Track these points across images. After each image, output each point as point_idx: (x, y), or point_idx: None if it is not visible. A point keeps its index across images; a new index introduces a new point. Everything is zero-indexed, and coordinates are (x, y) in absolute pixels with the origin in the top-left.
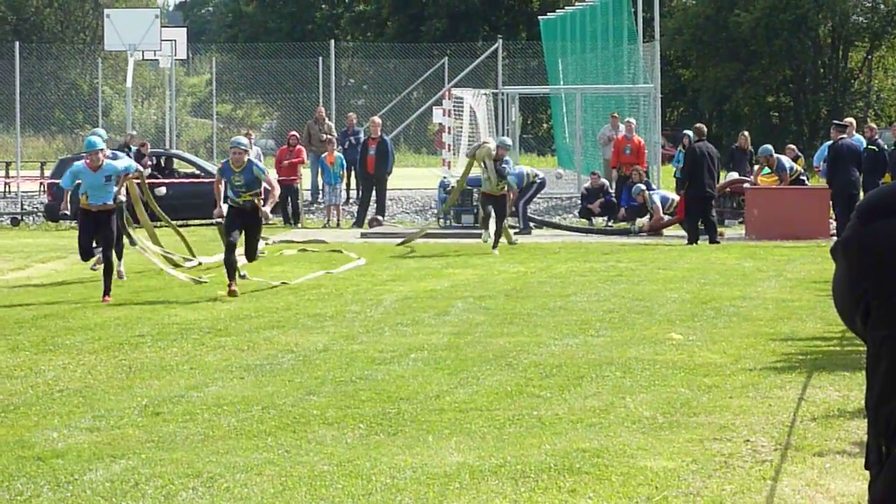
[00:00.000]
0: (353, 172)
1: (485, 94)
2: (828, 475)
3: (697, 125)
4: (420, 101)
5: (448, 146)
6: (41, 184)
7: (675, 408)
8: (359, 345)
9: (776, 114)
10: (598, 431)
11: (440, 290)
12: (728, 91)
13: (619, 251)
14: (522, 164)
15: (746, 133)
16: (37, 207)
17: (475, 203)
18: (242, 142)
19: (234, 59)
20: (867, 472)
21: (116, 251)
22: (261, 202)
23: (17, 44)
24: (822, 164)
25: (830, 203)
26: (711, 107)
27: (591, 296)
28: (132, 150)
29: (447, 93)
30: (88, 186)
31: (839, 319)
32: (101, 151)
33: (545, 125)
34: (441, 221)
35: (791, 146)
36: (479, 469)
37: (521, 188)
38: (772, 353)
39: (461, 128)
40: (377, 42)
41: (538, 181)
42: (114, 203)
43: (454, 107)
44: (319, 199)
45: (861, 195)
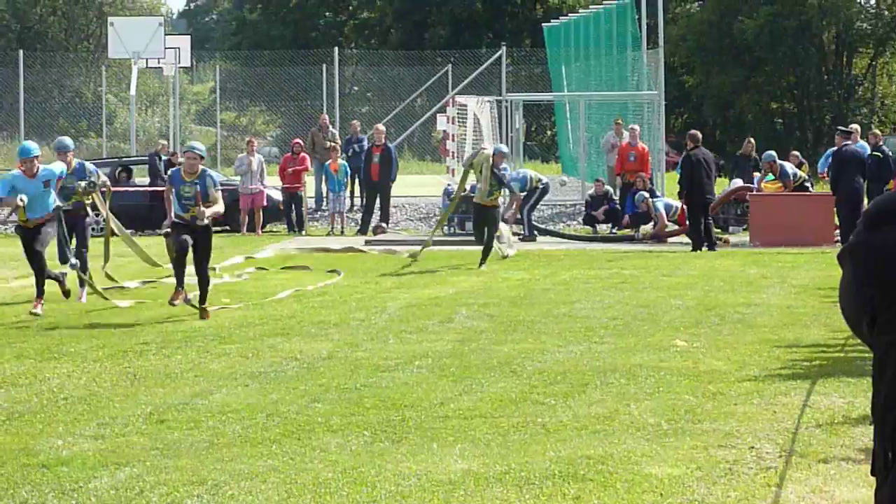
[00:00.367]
0: (357, 180)
1: (488, 102)
2: (833, 482)
3: (692, 132)
4: (424, 109)
5: (452, 153)
6: None
7: (680, 415)
8: (363, 352)
9: (780, 120)
10: (603, 438)
11: (444, 298)
12: (732, 98)
13: (624, 258)
14: (527, 169)
15: (752, 140)
16: None
17: None
18: (197, 147)
19: (238, 67)
20: (873, 479)
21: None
22: (207, 210)
23: (21, 52)
24: (827, 171)
25: (835, 210)
26: (715, 113)
27: (596, 303)
28: (162, 160)
29: (451, 100)
30: (27, 196)
31: (844, 326)
32: (37, 158)
33: (549, 132)
34: (445, 229)
35: (795, 153)
36: (484, 476)
37: (526, 192)
38: (776, 360)
39: (465, 135)
40: (381, 49)
41: (541, 186)
42: (52, 212)
43: (458, 114)
44: (323, 207)
45: (865, 202)
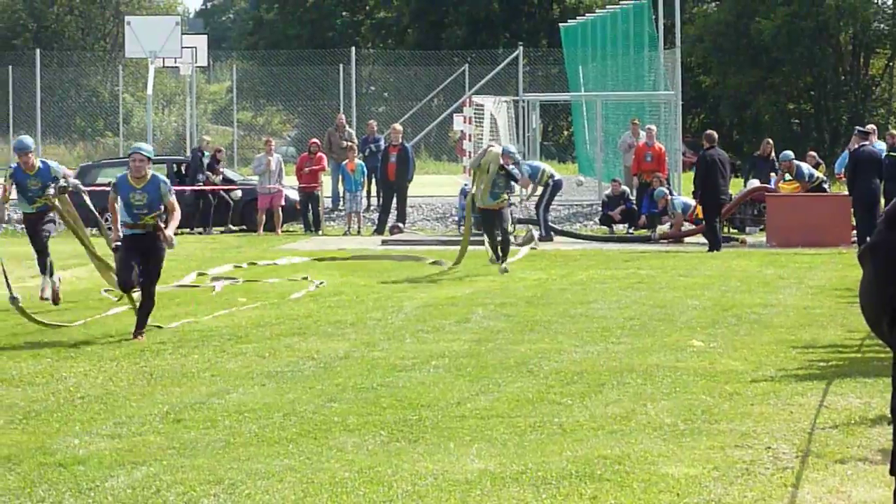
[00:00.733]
0: (374, 180)
1: (505, 102)
2: (850, 482)
3: (708, 132)
4: (441, 109)
5: (469, 153)
6: None
7: (697, 415)
8: (380, 352)
9: (797, 121)
10: (620, 438)
11: (461, 297)
12: (749, 98)
13: (640, 258)
14: (541, 163)
15: (770, 140)
16: None
17: None
18: (144, 148)
19: (255, 67)
20: (890, 479)
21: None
22: (162, 225)
23: (38, 51)
24: (844, 171)
25: (852, 210)
26: (732, 114)
27: (612, 303)
28: (205, 156)
29: (468, 100)
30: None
31: (860, 327)
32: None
33: (566, 132)
34: (461, 228)
35: (812, 153)
36: (501, 476)
37: (535, 183)
38: (793, 361)
39: (482, 135)
40: (398, 49)
41: (552, 182)
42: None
43: (475, 114)
44: (340, 207)
45: (882, 203)
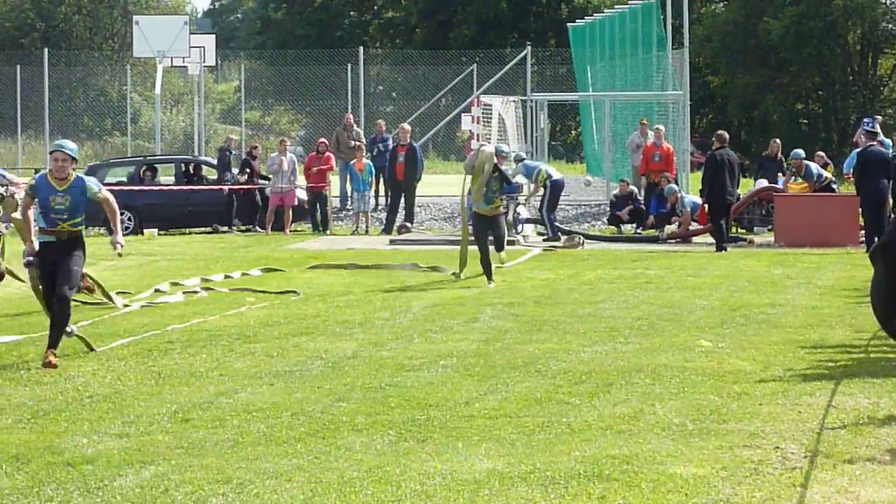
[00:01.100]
0: (382, 179)
1: (513, 101)
2: (858, 482)
3: (719, 132)
4: (449, 108)
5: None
6: None
7: (705, 415)
8: (388, 351)
9: (805, 121)
10: (628, 438)
11: (469, 297)
12: (757, 98)
13: (648, 258)
14: (541, 163)
15: (778, 141)
16: None
17: (503, 210)
18: (67, 146)
19: (263, 66)
20: None
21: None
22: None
23: (46, 51)
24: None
25: (860, 210)
26: (740, 114)
27: (620, 303)
28: (232, 154)
29: (476, 100)
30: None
31: (869, 326)
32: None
33: (574, 132)
34: (470, 228)
35: (820, 153)
36: (509, 476)
37: (534, 183)
38: (801, 361)
39: (490, 135)
40: (406, 49)
41: (550, 182)
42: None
43: (483, 114)
44: (348, 206)
45: (890, 202)
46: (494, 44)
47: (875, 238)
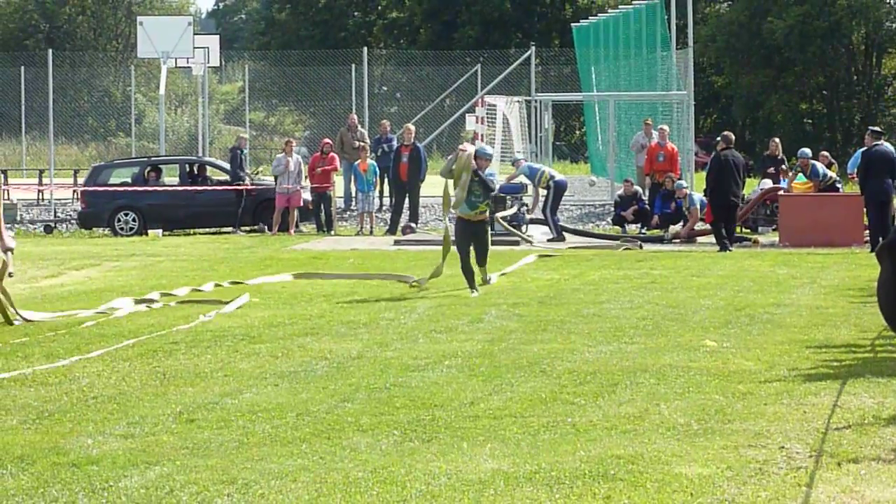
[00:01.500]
0: (386, 180)
1: (518, 102)
2: (863, 482)
3: (725, 133)
4: (453, 109)
5: None
6: (74, 191)
7: (710, 414)
8: (393, 352)
9: (809, 121)
10: (633, 438)
11: (473, 298)
12: (761, 98)
13: (653, 259)
14: (544, 166)
15: (777, 140)
16: (70, 215)
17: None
18: None
19: (267, 67)
20: None
21: None
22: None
23: (50, 52)
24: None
25: (865, 210)
26: (744, 114)
27: (625, 303)
28: (243, 153)
29: (480, 100)
30: None
31: (873, 326)
32: None
33: (578, 132)
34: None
35: (825, 153)
36: (514, 476)
37: (536, 185)
38: (806, 360)
39: (494, 135)
40: (410, 49)
41: (554, 183)
42: None
43: (487, 114)
44: (352, 207)
45: (894, 201)
46: (498, 44)
47: (879, 237)
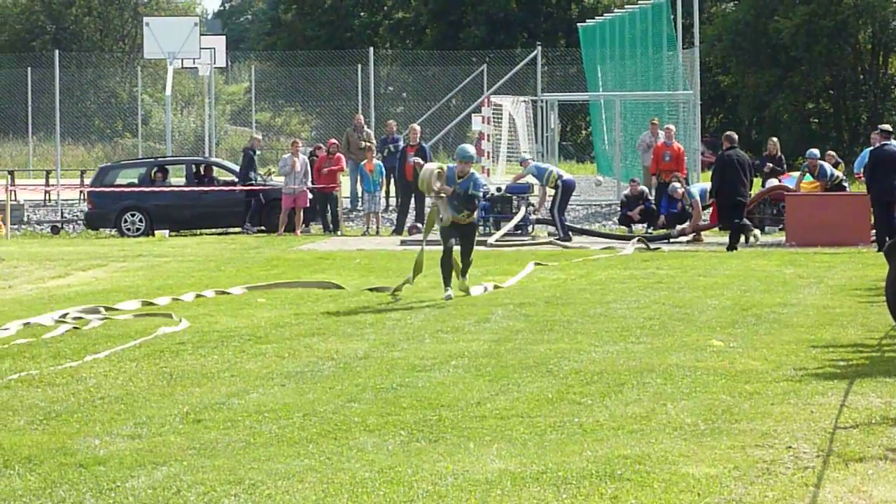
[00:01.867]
0: (392, 180)
1: (524, 102)
2: (870, 482)
3: (728, 133)
4: (459, 109)
5: (487, 154)
6: (81, 192)
7: (717, 414)
8: (399, 352)
9: (816, 120)
10: (640, 438)
11: (480, 298)
12: (767, 97)
13: (659, 258)
14: (551, 165)
15: (775, 139)
16: (77, 215)
17: (515, 210)
18: None
19: (273, 67)
20: None
21: None
22: None
23: (57, 52)
24: (863, 170)
25: (871, 209)
26: (751, 113)
27: (632, 303)
28: (255, 154)
29: (486, 100)
30: None
31: (880, 325)
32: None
33: (584, 132)
34: (481, 229)
35: (831, 152)
36: (521, 476)
37: (543, 185)
38: (813, 360)
39: (500, 135)
40: (416, 49)
41: (562, 182)
42: None
43: (493, 114)
44: (359, 207)
45: None
46: (504, 44)
47: (886, 237)
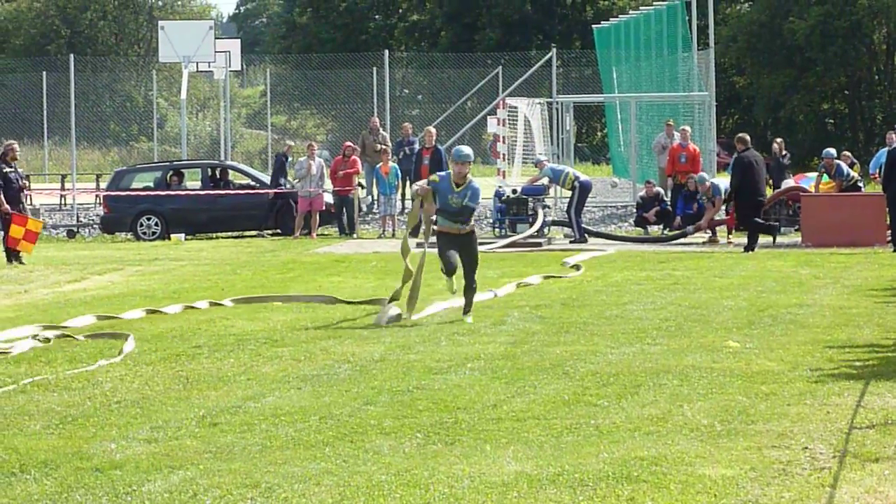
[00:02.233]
0: (408, 182)
1: (539, 104)
2: (887, 482)
3: (740, 135)
4: (474, 111)
5: (503, 156)
6: (97, 196)
7: (733, 415)
8: (415, 354)
9: (831, 121)
10: (656, 440)
11: (496, 300)
12: (783, 98)
13: (675, 259)
14: (567, 167)
15: (780, 140)
16: (92, 220)
17: (530, 212)
18: None
19: (289, 70)
20: None
21: None
22: None
23: (72, 57)
24: (879, 171)
25: (887, 209)
26: (766, 114)
27: (648, 304)
28: (288, 161)
29: (501, 102)
30: None
31: None
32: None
33: (600, 134)
34: (496, 231)
35: (847, 153)
36: (537, 478)
37: (560, 186)
38: (829, 361)
39: (516, 137)
40: (431, 52)
41: (579, 184)
42: None
43: (509, 116)
44: (374, 210)
45: None
46: (519, 46)
47: None
